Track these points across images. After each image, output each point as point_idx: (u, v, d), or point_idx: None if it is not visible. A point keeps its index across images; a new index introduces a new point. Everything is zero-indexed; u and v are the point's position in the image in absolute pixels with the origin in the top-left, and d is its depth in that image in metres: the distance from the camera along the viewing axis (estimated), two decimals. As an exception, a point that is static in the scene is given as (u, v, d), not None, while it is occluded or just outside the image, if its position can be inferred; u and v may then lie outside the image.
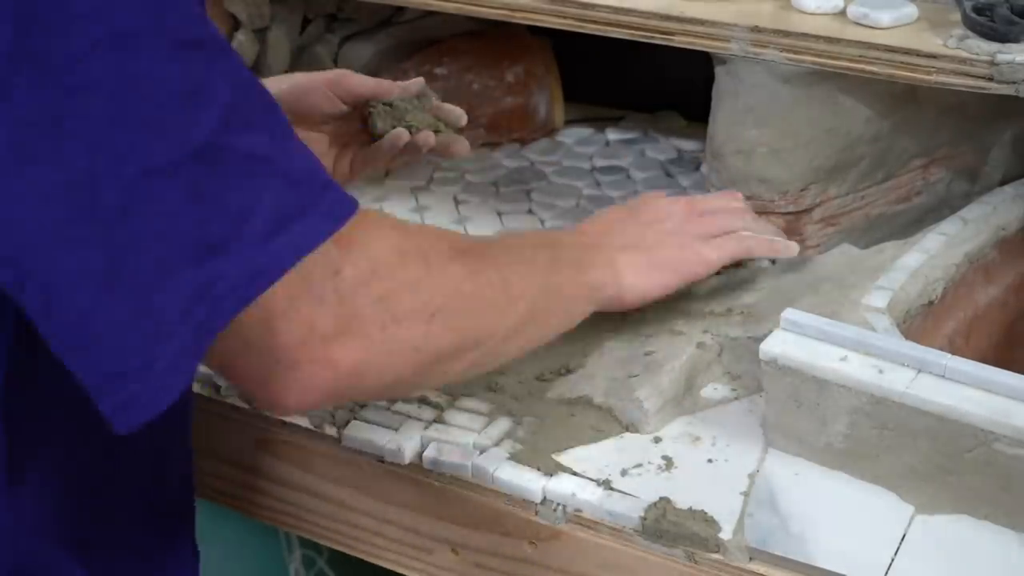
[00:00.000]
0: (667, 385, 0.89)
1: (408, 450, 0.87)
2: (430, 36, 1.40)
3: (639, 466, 0.84)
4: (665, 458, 0.85)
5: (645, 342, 0.95)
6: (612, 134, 1.41)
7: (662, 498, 0.80)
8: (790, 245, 0.97)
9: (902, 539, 0.77)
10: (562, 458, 0.85)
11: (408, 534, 0.89)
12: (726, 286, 1.00)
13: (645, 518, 0.79)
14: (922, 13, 0.97)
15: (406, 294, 0.70)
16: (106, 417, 0.63)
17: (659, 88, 1.43)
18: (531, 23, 1.07)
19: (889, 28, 0.95)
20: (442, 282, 0.72)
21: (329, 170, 1.00)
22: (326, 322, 0.66)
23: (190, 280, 0.62)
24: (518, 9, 1.06)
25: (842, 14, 0.98)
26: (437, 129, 1.00)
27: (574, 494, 0.82)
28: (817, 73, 0.98)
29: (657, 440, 0.87)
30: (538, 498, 0.83)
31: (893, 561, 0.75)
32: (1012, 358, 1.02)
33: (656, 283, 0.92)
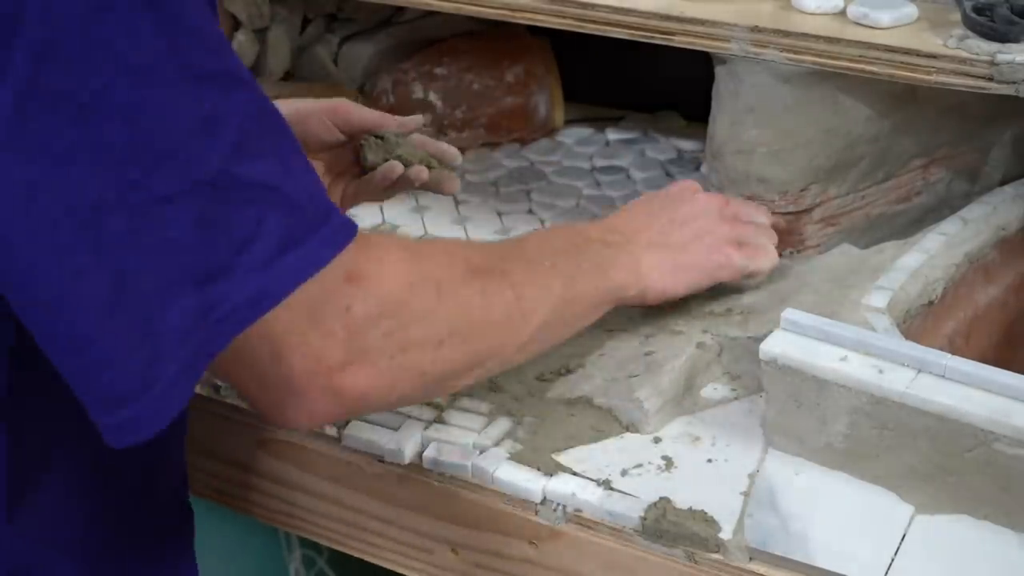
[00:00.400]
0: (667, 385, 0.89)
1: (408, 450, 0.87)
2: (430, 36, 1.40)
3: (639, 466, 0.84)
4: (665, 458, 0.85)
5: (645, 342, 0.95)
6: (612, 134, 1.41)
7: (662, 498, 0.80)
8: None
9: (902, 539, 0.77)
10: (562, 458, 0.85)
11: (408, 534, 0.89)
12: (725, 285, 1.00)
13: (645, 518, 0.80)
14: (922, 13, 0.97)
15: (416, 326, 0.71)
16: (104, 435, 0.64)
17: (659, 88, 1.43)
18: (531, 23, 1.07)
19: (889, 28, 0.95)
20: (454, 309, 0.73)
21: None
22: (335, 355, 0.67)
23: (192, 304, 0.63)
24: (518, 9, 1.06)
25: (842, 14, 0.98)
26: (429, 164, 1.00)
27: (574, 494, 0.82)
28: (817, 73, 0.98)
29: (657, 440, 0.87)
30: (538, 498, 0.83)
31: (893, 561, 0.75)
32: (1012, 358, 1.02)
33: (681, 283, 0.92)
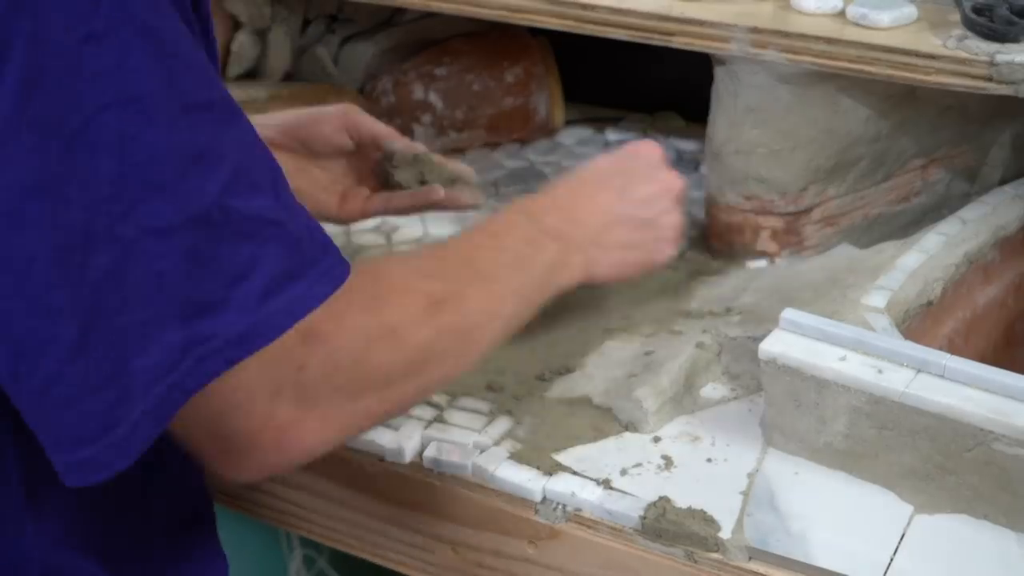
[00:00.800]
0: (666, 385, 0.89)
1: (408, 449, 0.87)
2: (430, 37, 1.40)
3: (639, 465, 0.84)
4: (665, 457, 0.85)
5: (645, 342, 0.95)
6: (612, 134, 1.41)
7: (662, 497, 0.81)
8: None
9: (901, 538, 0.77)
10: (562, 457, 0.85)
11: (408, 534, 0.90)
12: (725, 286, 1.01)
13: (645, 517, 0.80)
14: (921, 13, 0.97)
15: (369, 377, 0.69)
16: (59, 473, 0.62)
17: (658, 88, 1.43)
18: (531, 24, 1.07)
19: (888, 28, 0.95)
20: (410, 354, 0.71)
21: (333, 207, 1.02)
22: (285, 413, 0.65)
23: (176, 339, 0.61)
24: (518, 10, 1.07)
25: (841, 14, 0.98)
26: (451, 183, 1.03)
27: (574, 493, 0.82)
28: (816, 73, 0.98)
29: (657, 440, 0.87)
30: (538, 497, 0.83)
31: (892, 560, 0.75)
32: (1011, 358, 1.02)
33: (623, 275, 0.91)
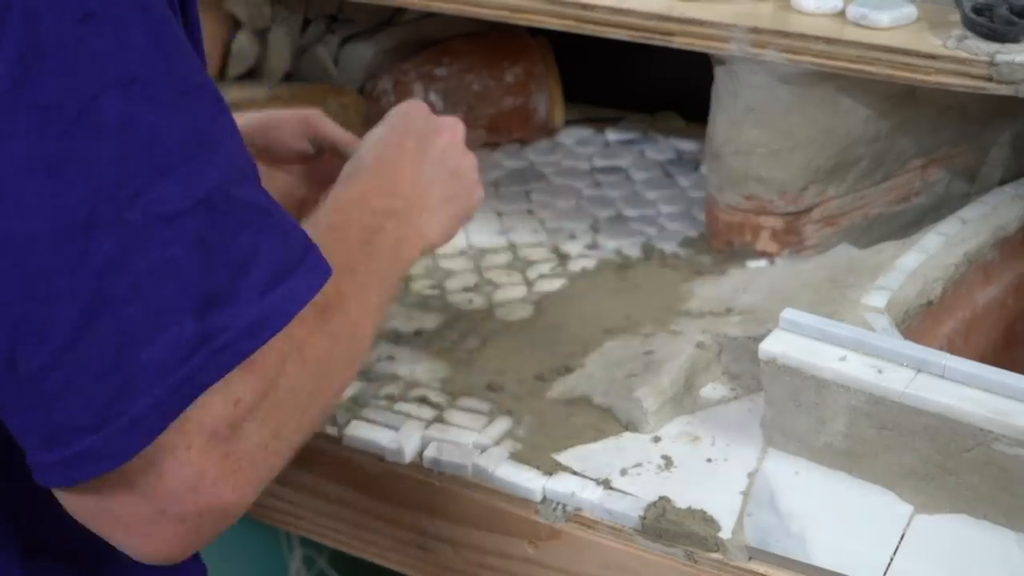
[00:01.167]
0: (666, 385, 0.89)
1: (408, 449, 0.87)
2: (430, 37, 1.40)
3: (639, 465, 0.84)
4: (664, 457, 0.85)
5: (645, 342, 0.95)
6: (612, 134, 1.41)
7: (662, 497, 0.81)
8: None
9: (901, 538, 0.77)
10: (562, 457, 0.85)
11: (408, 534, 0.90)
12: (725, 286, 1.01)
13: (645, 517, 0.80)
14: (921, 13, 0.97)
15: (289, 405, 0.65)
16: (35, 474, 0.59)
17: (658, 88, 1.43)
18: (531, 24, 1.07)
19: (888, 28, 0.95)
20: (313, 367, 0.67)
21: (292, 214, 0.98)
22: (214, 462, 0.60)
23: (190, 331, 0.58)
24: (518, 10, 1.07)
25: (841, 14, 0.98)
26: None
27: (574, 493, 0.82)
28: (816, 73, 0.98)
29: (656, 440, 0.87)
30: (538, 497, 0.83)
31: (892, 560, 0.75)
32: (1011, 358, 1.02)
33: (454, 231, 0.88)
